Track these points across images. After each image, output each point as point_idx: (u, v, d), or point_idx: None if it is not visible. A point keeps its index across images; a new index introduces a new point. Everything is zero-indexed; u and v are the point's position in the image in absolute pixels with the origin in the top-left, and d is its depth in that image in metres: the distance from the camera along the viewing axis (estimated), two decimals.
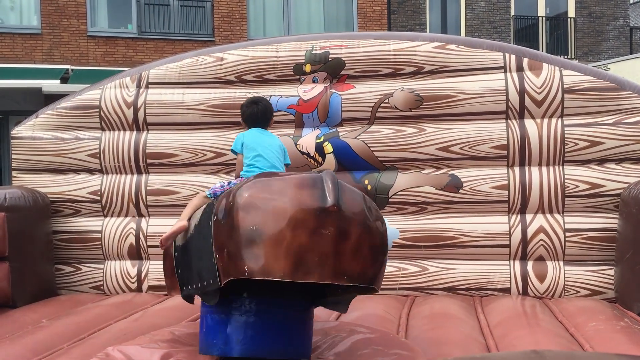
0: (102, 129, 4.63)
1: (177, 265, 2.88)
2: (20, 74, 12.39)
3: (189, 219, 2.87)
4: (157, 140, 4.56)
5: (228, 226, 2.33)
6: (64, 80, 12.58)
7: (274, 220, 2.27)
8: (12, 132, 4.77)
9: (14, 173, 4.71)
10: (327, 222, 2.27)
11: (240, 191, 2.36)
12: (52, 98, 9.38)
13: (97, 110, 4.61)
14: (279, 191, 2.33)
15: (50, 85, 12.01)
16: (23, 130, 4.69)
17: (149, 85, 4.60)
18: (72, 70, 13.13)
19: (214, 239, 2.41)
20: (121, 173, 4.60)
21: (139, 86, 4.61)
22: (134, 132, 4.60)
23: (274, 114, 4.38)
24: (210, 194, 2.94)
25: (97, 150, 4.59)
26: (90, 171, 4.62)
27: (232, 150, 3.19)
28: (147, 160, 4.55)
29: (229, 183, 2.99)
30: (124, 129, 4.61)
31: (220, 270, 2.35)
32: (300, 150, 4.38)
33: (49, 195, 4.54)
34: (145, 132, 4.59)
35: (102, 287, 4.59)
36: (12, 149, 4.73)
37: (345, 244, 2.29)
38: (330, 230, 2.27)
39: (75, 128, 4.64)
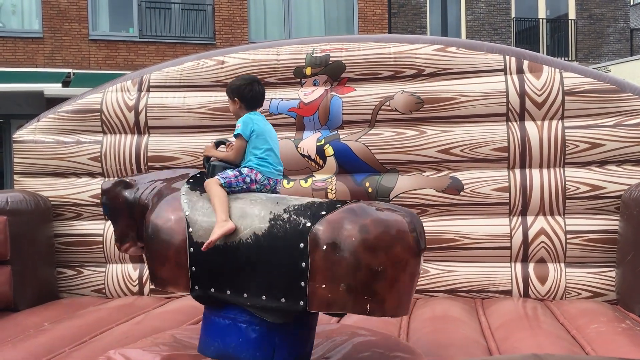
0: (104, 133, 4.64)
1: (194, 262, 2.64)
2: (22, 78, 12.42)
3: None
4: (158, 144, 4.57)
5: (349, 261, 2.39)
6: (66, 83, 12.61)
7: (393, 265, 2.41)
8: (14, 136, 4.78)
9: (15, 176, 4.72)
10: (418, 264, 2.51)
11: (364, 227, 2.42)
12: (53, 102, 9.40)
13: (99, 113, 4.62)
14: (396, 234, 2.45)
15: (52, 88, 12.03)
16: (25, 133, 4.70)
17: (150, 89, 4.61)
18: (74, 73, 13.15)
19: (320, 267, 2.42)
20: (122, 176, 4.60)
21: (140, 90, 4.62)
22: (135, 136, 4.61)
23: (276, 116, 4.42)
24: (225, 184, 2.74)
25: (99, 154, 4.60)
26: (92, 174, 4.63)
27: (237, 135, 2.88)
28: (149, 164, 4.56)
29: (241, 174, 2.79)
30: (125, 133, 4.62)
31: (317, 299, 2.43)
32: (301, 153, 4.39)
33: (50, 199, 4.55)
34: (146, 136, 4.60)
35: (103, 291, 4.59)
36: (14, 152, 4.74)
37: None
38: (416, 271, 2.52)
39: (77, 132, 4.65)
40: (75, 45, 13.49)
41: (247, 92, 2.96)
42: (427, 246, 4.17)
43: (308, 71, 4.45)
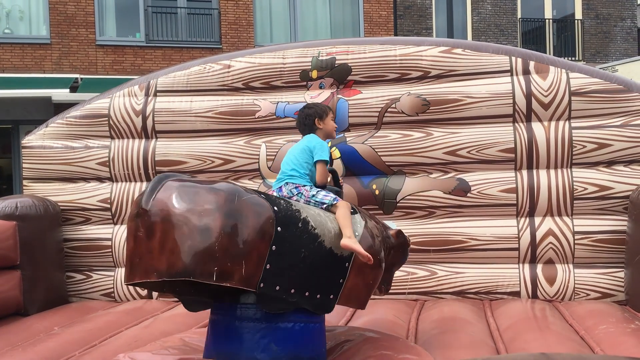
0: (112, 138, 4.66)
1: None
2: (30, 84, 12.51)
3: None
4: (165, 148, 4.59)
5: None
6: (73, 89, 12.69)
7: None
8: (22, 142, 4.82)
9: (24, 182, 4.75)
10: (140, 225, 2.42)
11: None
12: (61, 107, 9.48)
13: (107, 118, 4.65)
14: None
15: (60, 94, 12.11)
16: (33, 139, 4.74)
17: (157, 93, 4.64)
18: (81, 79, 13.23)
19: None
20: (130, 181, 4.63)
21: (147, 94, 4.65)
22: (143, 140, 4.64)
23: (282, 120, 4.43)
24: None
25: (107, 159, 4.63)
26: (100, 179, 4.66)
27: None
28: (156, 168, 4.58)
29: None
30: (133, 137, 4.64)
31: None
32: None
33: (59, 204, 4.58)
34: (154, 140, 4.63)
35: (112, 295, 4.61)
36: (23, 158, 4.77)
37: (153, 241, 2.38)
38: (141, 231, 2.41)
39: (85, 137, 4.68)
40: (82, 50, 13.58)
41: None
42: (435, 248, 4.22)
43: (314, 74, 4.46)
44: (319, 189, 2.99)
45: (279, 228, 2.53)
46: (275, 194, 2.94)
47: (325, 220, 2.72)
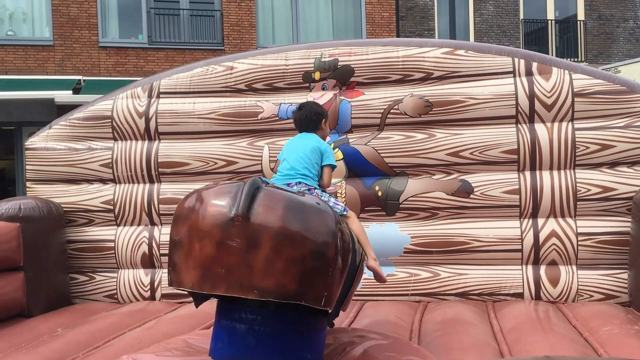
0: (115, 139, 4.67)
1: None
2: (33, 85, 12.54)
3: None
4: (168, 150, 4.60)
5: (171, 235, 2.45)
6: (76, 90, 12.72)
7: (188, 231, 2.30)
8: (25, 143, 4.83)
9: (28, 183, 4.76)
10: (233, 234, 2.21)
11: (181, 202, 2.45)
12: (64, 109, 9.50)
13: (110, 120, 4.66)
14: (199, 202, 2.33)
15: (63, 96, 12.14)
16: (37, 141, 4.75)
17: (160, 95, 4.65)
18: (84, 80, 13.27)
19: None
20: (133, 182, 4.64)
21: (150, 96, 4.65)
22: (146, 142, 4.64)
23: (285, 121, 4.44)
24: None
25: (110, 160, 4.63)
26: (103, 181, 4.67)
27: (278, 158, 3.27)
28: (159, 170, 4.59)
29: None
30: (136, 139, 4.65)
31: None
32: None
33: (62, 205, 4.59)
34: (156, 142, 4.63)
35: (115, 296, 4.62)
36: (26, 159, 4.78)
37: (255, 256, 2.19)
38: (236, 241, 2.21)
39: (88, 138, 4.69)
40: (85, 52, 13.62)
41: (293, 117, 3.29)
42: (438, 249, 4.22)
43: (317, 76, 4.46)
44: (330, 196, 3.01)
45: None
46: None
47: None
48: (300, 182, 2.93)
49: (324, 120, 3.23)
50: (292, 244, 2.21)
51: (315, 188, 2.95)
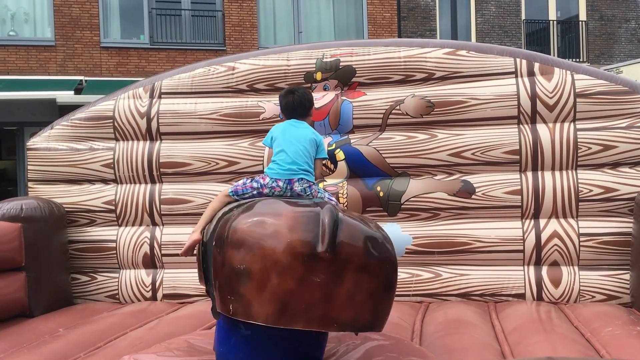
0: (116, 140, 4.67)
1: (203, 260, 2.71)
2: (35, 86, 12.55)
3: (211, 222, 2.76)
4: (170, 150, 4.60)
5: (221, 258, 2.27)
6: (78, 91, 12.72)
7: (261, 263, 2.15)
8: (27, 144, 4.83)
9: (29, 184, 4.76)
10: (318, 269, 2.13)
11: (235, 223, 2.29)
12: (66, 109, 9.50)
13: (111, 120, 4.66)
14: (272, 231, 2.20)
15: (64, 96, 12.13)
16: (38, 141, 4.75)
17: (162, 96, 4.65)
18: (86, 81, 13.27)
19: (213, 264, 2.35)
20: (135, 183, 4.64)
21: (152, 96, 4.65)
22: (148, 142, 4.64)
23: None
24: (232, 192, 2.87)
25: (112, 161, 4.63)
26: (105, 181, 4.67)
27: (263, 144, 3.15)
28: (161, 170, 4.59)
29: (252, 180, 2.88)
30: (138, 139, 4.65)
31: (216, 298, 2.34)
32: None
33: (64, 206, 4.59)
34: (158, 142, 4.64)
35: (117, 296, 4.62)
36: (28, 160, 4.79)
37: (338, 290, 2.15)
38: (320, 277, 2.14)
39: (90, 139, 4.69)
40: (87, 52, 13.62)
41: (282, 101, 3.11)
42: (440, 250, 4.22)
43: (318, 76, 4.46)
44: (324, 190, 3.00)
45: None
46: (280, 184, 2.83)
47: None
48: (302, 179, 2.87)
49: (313, 107, 3.19)
50: (371, 277, 2.21)
51: (314, 184, 2.93)
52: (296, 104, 3.05)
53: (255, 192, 2.83)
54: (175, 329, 3.63)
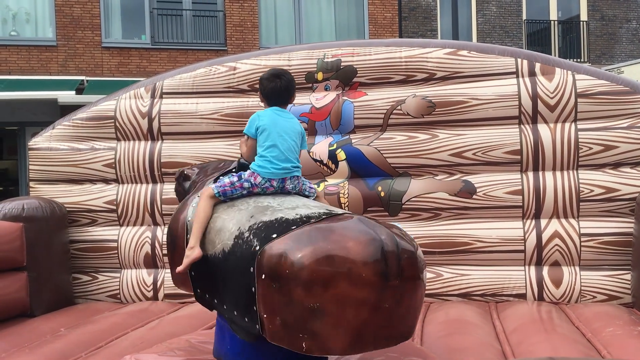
0: (118, 139, 4.68)
1: (191, 267, 2.61)
2: (36, 86, 12.56)
3: (207, 232, 2.60)
4: (171, 150, 4.60)
5: (284, 296, 2.20)
6: (79, 91, 12.73)
7: (337, 301, 2.16)
8: (29, 144, 4.84)
9: (31, 183, 4.77)
10: (387, 297, 2.20)
11: (299, 259, 2.18)
12: (67, 109, 9.51)
13: (113, 120, 4.66)
14: (344, 269, 2.16)
15: (66, 96, 12.14)
16: (40, 141, 4.76)
17: (163, 96, 4.65)
18: (87, 81, 13.28)
19: (261, 296, 2.27)
20: (136, 182, 4.64)
21: (153, 96, 4.66)
22: (149, 142, 4.65)
23: None
24: (218, 193, 2.66)
25: (113, 160, 4.64)
26: (106, 181, 4.67)
27: (245, 134, 2.81)
28: (162, 170, 4.60)
29: (240, 179, 2.68)
30: (139, 139, 4.66)
31: (266, 329, 2.28)
32: (313, 158, 4.40)
33: (65, 205, 4.60)
34: (160, 142, 4.64)
35: (118, 296, 4.62)
36: (29, 159, 4.79)
37: (399, 310, 2.25)
38: (389, 303, 2.21)
39: (91, 139, 4.70)
40: (88, 52, 13.63)
41: (265, 87, 2.82)
42: (441, 250, 4.22)
43: (319, 76, 4.46)
44: (306, 181, 2.87)
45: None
46: (274, 184, 2.69)
47: None
48: (294, 177, 2.76)
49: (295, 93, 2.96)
50: (421, 290, 2.36)
51: (300, 177, 2.81)
52: (283, 90, 2.81)
53: (245, 192, 2.67)
54: (177, 328, 3.63)
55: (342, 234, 2.25)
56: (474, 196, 4.21)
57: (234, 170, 2.88)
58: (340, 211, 2.55)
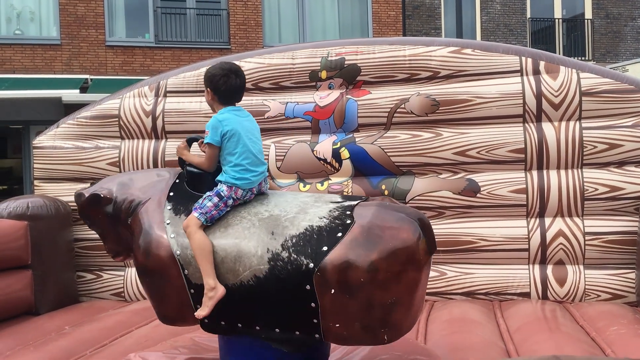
0: (122, 138, 4.69)
1: (198, 301, 2.45)
2: (41, 84, 12.59)
3: (219, 263, 2.41)
4: (175, 148, 4.59)
5: (362, 302, 2.27)
6: (83, 89, 12.76)
7: (408, 289, 2.32)
8: (33, 142, 4.85)
9: (35, 182, 4.78)
10: (429, 268, 2.46)
11: (372, 264, 2.24)
12: (71, 107, 9.54)
13: (117, 119, 4.67)
14: (406, 257, 2.29)
15: (70, 95, 12.18)
16: (44, 139, 4.77)
17: (167, 94, 4.66)
18: (91, 79, 13.31)
19: (330, 310, 2.29)
20: None
21: (157, 95, 4.67)
22: (153, 141, 4.66)
23: (292, 120, 4.44)
24: (206, 220, 2.45)
25: (117, 159, 4.65)
26: None
27: (209, 143, 2.58)
28: (166, 168, 4.59)
29: (221, 198, 2.48)
30: (143, 138, 4.66)
31: (336, 336, 2.36)
32: (317, 157, 4.40)
33: (70, 204, 4.60)
34: (163, 140, 4.65)
35: (122, 294, 4.63)
36: (34, 158, 4.80)
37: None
38: (427, 276, 2.47)
39: (96, 137, 4.71)
40: (92, 51, 13.66)
41: (222, 84, 2.59)
42: (445, 249, 4.21)
43: (323, 75, 4.46)
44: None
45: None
46: (254, 191, 2.57)
47: None
48: (265, 179, 2.65)
49: None
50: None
51: None
52: (240, 87, 2.64)
53: (228, 209, 2.50)
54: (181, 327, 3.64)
55: (389, 227, 2.33)
56: (478, 195, 4.20)
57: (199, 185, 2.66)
58: (339, 198, 2.58)
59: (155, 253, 2.48)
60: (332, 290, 2.26)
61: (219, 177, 2.56)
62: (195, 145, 2.85)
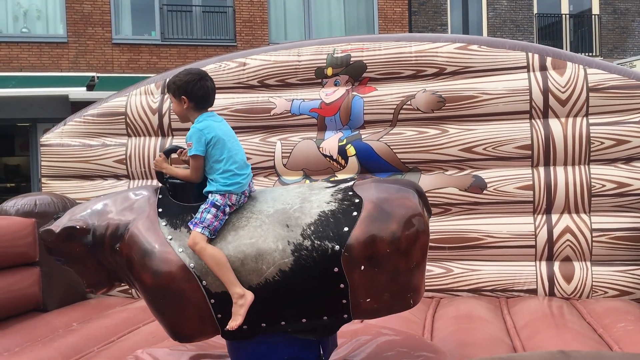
0: (128, 135, 4.70)
1: (219, 310, 2.41)
2: (47, 82, 12.64)
3: (239, 267, 2.38)
4: (181, 146, 4.60)
5: (389, 272, 2.39)
6: (90, 87, 12.80)
7: (422, 252, 2.47)
8: (41, 140, 4.88)
9: (43, 179, 4.81)
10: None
11: (394, 234, 2.37)
12: (78, 105, 9.56)
13: (123, 117, 4.69)
14: (417, 222, 2.44)
15: (77, 92, 12.22)
16: (52, 137, 4.79)
17: None
18: (98, 77, 13.35)
19: (361, 286, 2.36)
20: (147, 178, 4.66)
21: (163, 92, 4.68)
22: (159, 138, 4.67)
23: (298, 117, 4.44)
24: (210, 233, 2.41)
25: (124, 157, 4.66)
26: (117, 177, 4.70)
27: (194, 155, 2.55)
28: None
29: (218, 207, 2.44)
30: (150, 135, 4.68)
31: (365, 310, 2.44)
32: (323, 153, 4.40)
33: (77, 201, 4.62)
34: (170, 138, 4.66)
35: (130, 291, 4.65)
36: (41, 156, 4.83)
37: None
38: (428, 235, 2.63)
39: (102, 135, 4.73)
40: (99, 49, 13.70)
41: (198, 88, 2.56)
42: (451, 245, 4.21)
43: (329, 71, 4.46)
44: None
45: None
46: (246, 194, 2.56)
47: None
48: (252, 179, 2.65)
49: None
50: None
51: None
52: (213, 91, 2.61)
53: (226, 217, 2.48)
54: None
55: (395, 198, 2.48)
56: (485, 191, 4.19)
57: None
58: (329, 183, 2.66)
59: (166, 271, 2.41)
60: (362, 267, 2.35)
61: (208, 188, 2.51)
62: (174, 155, 2.81)
